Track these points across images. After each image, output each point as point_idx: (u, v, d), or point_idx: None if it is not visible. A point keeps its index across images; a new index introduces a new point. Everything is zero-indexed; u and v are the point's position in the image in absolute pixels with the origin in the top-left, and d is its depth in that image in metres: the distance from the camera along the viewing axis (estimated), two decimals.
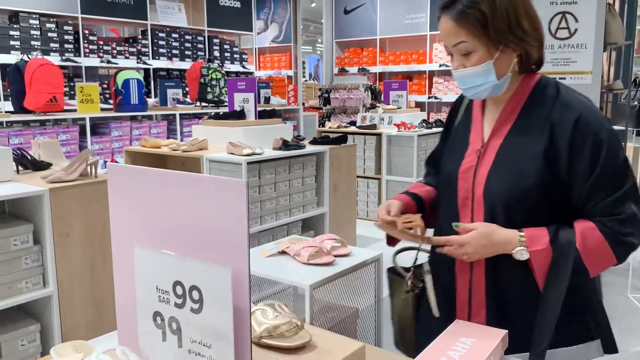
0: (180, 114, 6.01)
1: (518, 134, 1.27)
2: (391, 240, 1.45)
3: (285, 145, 3.93)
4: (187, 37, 7.47)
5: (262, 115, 4.52)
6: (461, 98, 1.48)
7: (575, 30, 3.57)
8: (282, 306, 1.07)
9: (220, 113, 4.54)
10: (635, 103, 4.18)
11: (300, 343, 1.01)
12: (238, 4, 8.31)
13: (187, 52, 7.46)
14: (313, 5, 13.46)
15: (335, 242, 1.98)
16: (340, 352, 0.99)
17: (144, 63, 6.92)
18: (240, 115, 4.23)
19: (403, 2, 9.24)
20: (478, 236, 1.22)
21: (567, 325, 1.23)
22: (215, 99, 6.53)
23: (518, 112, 1.30)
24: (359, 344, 1.03)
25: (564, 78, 3.63)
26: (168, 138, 5.76)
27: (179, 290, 0.84)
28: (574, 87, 1.35)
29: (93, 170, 2.76)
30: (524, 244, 1.21)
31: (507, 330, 1.27)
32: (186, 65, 7.26)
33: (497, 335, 1.27)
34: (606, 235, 1.18)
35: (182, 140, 5.70)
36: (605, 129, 1.20)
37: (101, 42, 6.51)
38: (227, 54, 8.03)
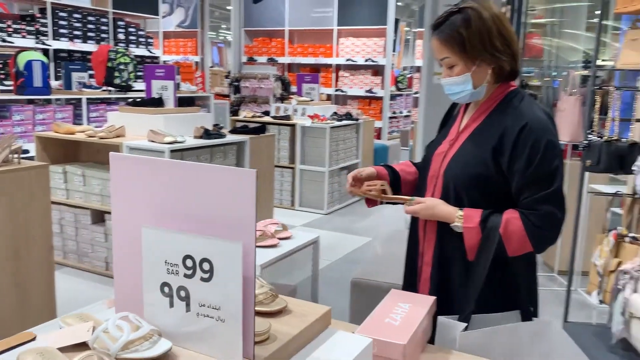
0: (86, 99, 5.80)
1: (480, 132, 1.56)
2: (369, 202, 1.73)
3: (206, 133, 4.00)
4: (90, 18, 7.15)
5: (180, 103, 4.53)
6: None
7: None
8: (259, 278, 1.22)
9: (139, 100, 4.48)
10: None
11: (278, 308, 1.17)
12: None
13: (90, 34, 7.14)
14: None
15: (278, 227, 2.14)
16: (312, 315, 1.17)
17: (43, 43, 6.55)
18: (158, 102, 4.22)
19: None
20: (425, 207, 1.56)
21: (497, 296, 1.52)
22: (124, 83, 6.35)
23: (486, 114, 1.58)
24: (326, 308, 1.21)
25: None
26: (74, 123, 5.54)
27: (189, 263, 0.97)
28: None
29: (16, 157, 2.69)
30: (460, 220, 1.50)
31: (435, 297, 1.53)
32: (89, 47, 6.96)
33: (428, 301, 1.52)
34: (525, 226, 1.45)
35: (89, 124, 5.51)
36: (546, 138, 1.45)
37: None
38: (132, 37, 7.78)
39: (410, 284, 1.72)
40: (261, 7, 10.03)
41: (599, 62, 3.48)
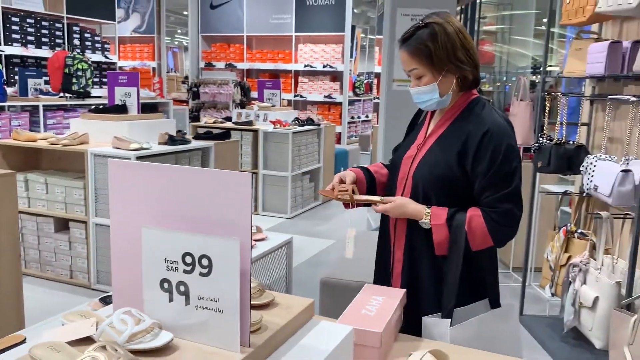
0: (43, 106, 5.70)
1: (445, 138, 1.69)
2: (346, 205, 1.81)
3: (171, 140, 4.03)
4: (44, 23, 7.01)
5: (143, 109, 4.52)
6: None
7: None
8: None
9: (101, 107, 4.46)
10: None
11: (267, 301, 1.26)
12: None
13: (43, 39, 7.00)
14: None
15: (253, 229, 2.21)
16: (297, 307, 1.26)
17: None
18: (122, 109, 4.21)
19: (269, 3, 9.54)
20: (395, 206, 1.67)
21: (466, 288, 1.64)
22: (81, 90, 6.26)
23: (451, 121, 1.71)
24: (309, 300, 1.31)
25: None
26: (31, 130, 5.43)
27: (188, 259, 1.04)
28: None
29: None
30: (428, 217, 1.63)
31: (405, 290, 1.66)
32: (43, 53, 6.83)
33: (399, 293, 1.64)
34: (487, 222, 1.60)
35: (46, 131, 5.41)
36: (505, 142, 1.60)
37: None
38: (88, 43, 7.67)
39: (383, 280, 1.83)
40: (219, 13, 10.04)
41: (547, 68, 3.70)
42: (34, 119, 5.70)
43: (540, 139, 3.50)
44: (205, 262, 1.03)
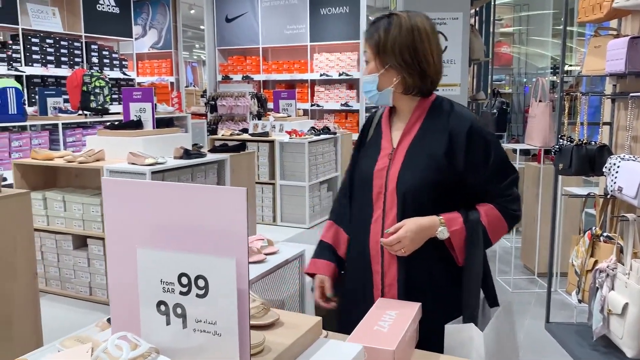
0: (62, 124, 5.77)
1: (422, 139, 1.61)
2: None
3: (186, 153, 4.02)
4: (62, 42, 7.13)
5: (158, 124, 4.54)
6: (371, 117, 1.81)
7: (446, 47, 4.08)
8: (250, 293, 1.26)
9: (117, 123, 4.49)
10: (495, 111, 4.84)
11: (272, 321, 1.21)
12: (116, 10, 8.08)
13: (63, 59, 7.12)
14: (192, 11, 13.36)
15: (263, 242, 2.18)
16: (304, 325, 1.21)
17: (16, 70, 6.51)
18: (137, 125, 4.23)
19: (284, 13, 9.56)
20: (409, 227, 1.52)
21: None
22: (100, 107, 6.33)
23: (421, 122, 1.63)
24: (316, 319, 1.25)
25: (437, 90, 4.13)
26: (51, 149, 5.50)
27: (184, 280, 1.00)
28: (447, 97, 1.72)
29: None
30: (444, 225, 1.54)
31: (420, 304, 1.58)
32: (63, 72, 6.94)
33: (414, 307, 1.57)
34: (502, 212, 1.58)
35: (66, 149, 5.47)
36: (489, 133, 1.61)
37: None
38: (106, 60, 7.78)
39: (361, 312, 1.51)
40: (234, 26, 10.10)
41: (566, 68, 3.60)
42: (54, 137, 5.76)
43: (561, 140, 3.40)
44: (201, 283, 0.99)
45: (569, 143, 3.32)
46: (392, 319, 1.50)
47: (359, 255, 1.66)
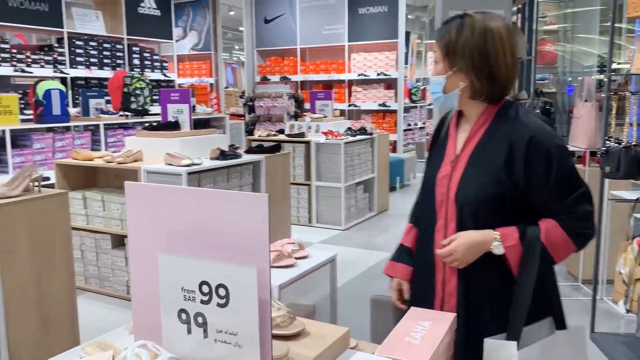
0: (104, 124, 5.89)
1: (483, 148, 1.53)
2: None
3: (222, 154, 4.04)
4: (105, 45, 7.30)
5: (196, 125, 4.58)
6: (444, 118, 1.74)
7: None
8: (276, 301, 1.22)
9: (155, 124, 4.55)
10: (538, 111, 4.68)
11: (296, 331, 1.17)
12: (157, 12, 8.22)
13: (105, 61, 7.29)
14: (232, 13, 13.51)
15: (294, 246, 2.14)
16: (330, 337, 1.17)
17: (61, 72, 6.70)
18: (174, 126, 4.27)
19: (322, 14, 9.54)
20: (462, 241, 1.48)
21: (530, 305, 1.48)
22: (140, 108, 6.45)
23: (484, 129, 1.56)
24: (344, 329, 1.21)
25: None
26: (93, 149, 5.63)
27: (205, 289, 0.97)
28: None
29: (36, 186, 2.74)
30: (499, 240, 1.47)
31: (455, 314, 1.51)
32: (105, 73, 7.09)
33: (449, 318, 1.50)
34: (566, 230, 1.46)
35: (107, 150, 5.59)
36: (554, 145, 1.46)
37: (14, 51, 6.23)
38: (147, 62, 7.92)
39: (424, 298, 1.64)
40: (273, 27, 10.14)
41: (614, 66, 3.44)
42: (96, 138, 5.90)
43: (608, 142, 3.25)
44: (222, 292, 0.96)
45: (616, 145, 3.16)
46: (424, 330, 1.44)
47: (424, 262, 1.65)
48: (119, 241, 4.09)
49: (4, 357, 2.52)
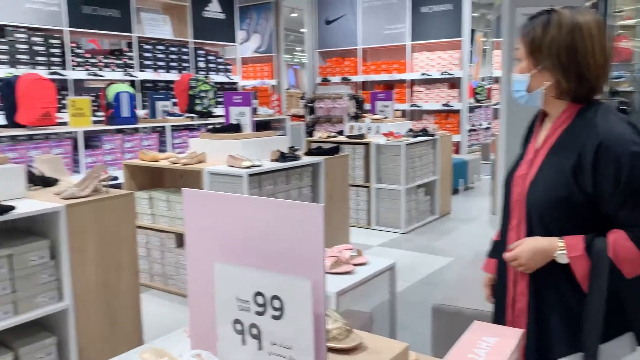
0: (171, 126, 6.08)
1: (556, 151, 1.46)
2: None
3: (282, 156, 4.05)
4: (172, 48, 7.53)
5: (257, 126, 4.63)
6: (536, 116, 1.67)
7: None
8: (332, 312, 1.19)
9: (218, 126, 4.64)
10: None
11: (353, 345, 1.13)
12: (222, 16, 8.40)
13: (172, 64, 7.52)
14: (294, 15, 13.63)
15: (352, 252, 2.11)
16: (388, 352, 1.12)
17: (130, 75, 6.97)
18: (237, 128, 4.33)
19: (383, 13, 9.45)
20: (526, 247, 1.44)
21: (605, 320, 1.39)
22: (204, 110, 6.60)
23: (561, 131, 1.48)
24: (403, 345, 1.16)
25: None
26: (159, 150, 5.82)
27: (259, 299, 0.95)
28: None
29: (104, 186, 2.84)
30: (563, 250, 1.39)
31: (523, 330, 1.43)
32: (172, 76, 7.32)
33: (516, 334, 1.42)
34: (637, 243, 1.35)
35: (173, 151, 5.76)
36: (627, 153, 1.34)
37: (88, 55, 6.54)
38: (211, 65, 8.11)
39: (500, 316, 1.63)
40: (334, 28, 10.15)
41: None
42: (162, 139, 6.09)
43: None
44: (277, 303, 0.94)
45: None
46: (489, 346, 1.36)
47: (501, 259, 1.62)
48: (183, 240, 4.19)
49: (73, 350, 2.63)
